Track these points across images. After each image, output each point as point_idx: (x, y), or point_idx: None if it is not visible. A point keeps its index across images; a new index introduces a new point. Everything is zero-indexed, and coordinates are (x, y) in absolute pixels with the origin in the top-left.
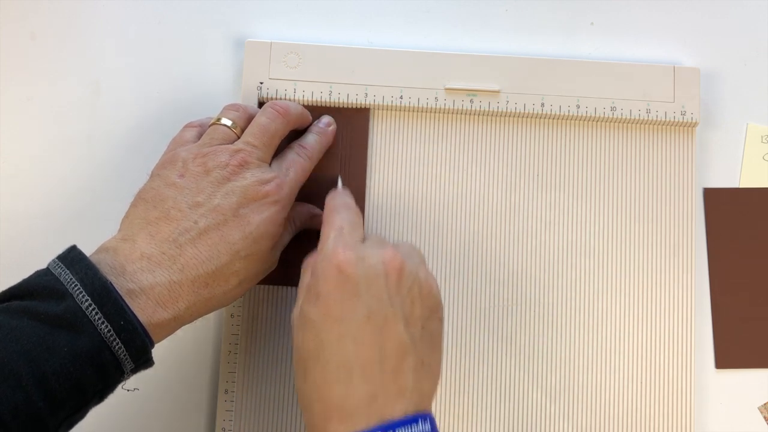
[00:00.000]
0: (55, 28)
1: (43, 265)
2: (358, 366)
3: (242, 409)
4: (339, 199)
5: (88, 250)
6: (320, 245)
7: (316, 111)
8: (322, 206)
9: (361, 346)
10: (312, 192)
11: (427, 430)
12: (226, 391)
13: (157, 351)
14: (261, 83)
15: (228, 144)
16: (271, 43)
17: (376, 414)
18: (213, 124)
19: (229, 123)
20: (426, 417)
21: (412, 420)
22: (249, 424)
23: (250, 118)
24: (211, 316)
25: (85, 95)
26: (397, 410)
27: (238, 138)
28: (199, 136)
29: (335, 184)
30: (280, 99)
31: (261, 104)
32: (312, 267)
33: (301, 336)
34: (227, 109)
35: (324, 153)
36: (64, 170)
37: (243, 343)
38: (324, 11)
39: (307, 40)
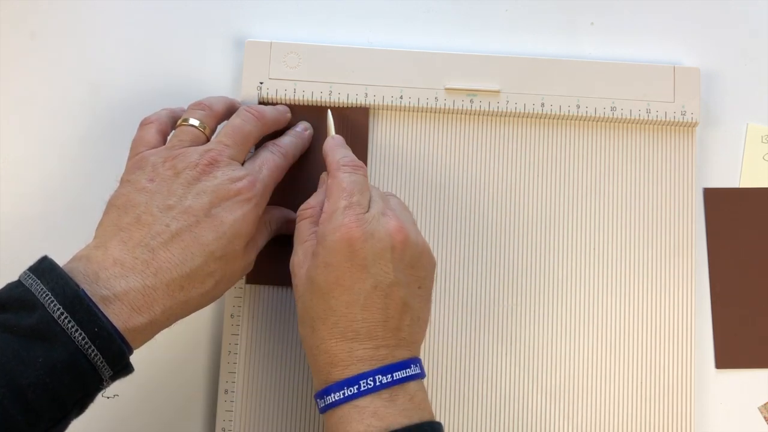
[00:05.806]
0: (55, 28)
1: None
2: (365, 328)
3: (242, 409)
4: (341, 152)
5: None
6: (329, 208)
7: (316, 111)
8: None
9: (368, 311)
10: (291, 194)
11: (417, 371)
12: (226, 391)
13: (157, 351)
14: (261, 83)
15: (198, 145)
16: (271, 43)
17: (377, 361)
18: (180, 125)
19: (196, 123)
20: (417, 361)
21: (405, 364)
22: (249, 424)
23: (217, 116)
24: (211, 317)
25: (85, 95)
26: (394, 357)
27: (208, 138)
28: (159, 132)
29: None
30: (280, 99)
31: (261, 104)
32: (320, 231)
33: (308, 297)
34: (192, 108)
35: (301, 156)
36: (64, 170)
37: (243, 343)
38: (324, 11)
39: (307, 40)
